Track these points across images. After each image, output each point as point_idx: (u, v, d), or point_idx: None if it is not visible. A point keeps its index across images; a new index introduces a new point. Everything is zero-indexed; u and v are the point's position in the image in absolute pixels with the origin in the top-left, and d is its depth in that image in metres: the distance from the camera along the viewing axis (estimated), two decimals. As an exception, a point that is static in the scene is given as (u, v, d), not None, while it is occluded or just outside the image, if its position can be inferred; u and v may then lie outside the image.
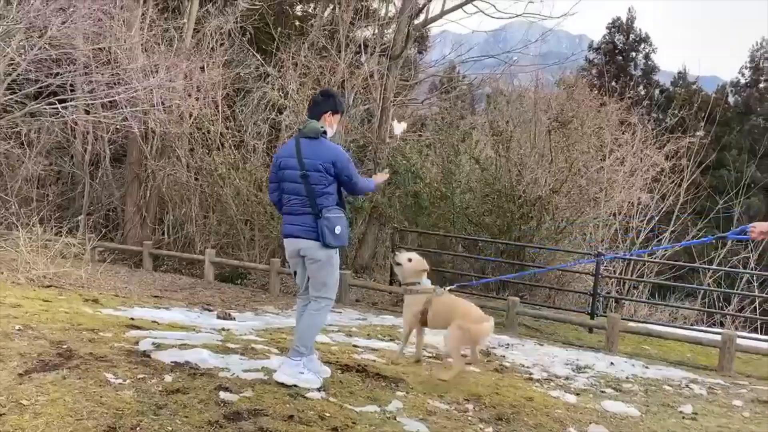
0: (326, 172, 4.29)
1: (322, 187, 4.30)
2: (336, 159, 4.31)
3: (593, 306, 9.81)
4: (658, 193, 14.34)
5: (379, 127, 13.54)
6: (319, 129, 4.34)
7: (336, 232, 4.31)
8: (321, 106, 4.51)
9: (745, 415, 5.19)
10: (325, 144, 4.35)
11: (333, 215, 4.33)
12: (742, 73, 29.31)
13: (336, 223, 4.33)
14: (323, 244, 4.32)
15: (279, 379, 4.21)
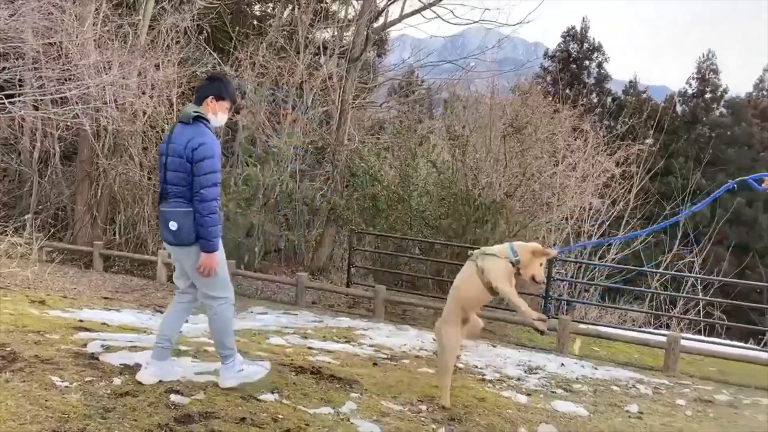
0: (186, 159, 3.92)
1: (177, 176, 3.96)
2: (201, 144, 3.90)
3: (545, 308, 10.01)
4: (609, 198, 14.74)
5: (338, 130, 13.54)
6: (191, 113, 4.01)
7: (171, 228, 3.96)
8: (204, 90, 4.19)
9: (688, 413, 5.38)
10: (195, 129, 3.98)
11: (170, 208, 3.99)
12: (690, 83, 30.34)
13: (171, 217, 3.97)
14: (167, 241, 4.07)
15: (227, 386, 4.15)
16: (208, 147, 3.93)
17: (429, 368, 5.89)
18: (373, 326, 8.30)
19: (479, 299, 4.50)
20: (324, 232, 13.74)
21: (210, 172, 3.92)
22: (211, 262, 4.00)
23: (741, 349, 8.93)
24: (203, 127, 4.04)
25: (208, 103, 4.13)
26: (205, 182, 3.91)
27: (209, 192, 3.92)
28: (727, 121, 28.32)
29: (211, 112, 4.14)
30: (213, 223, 3.95)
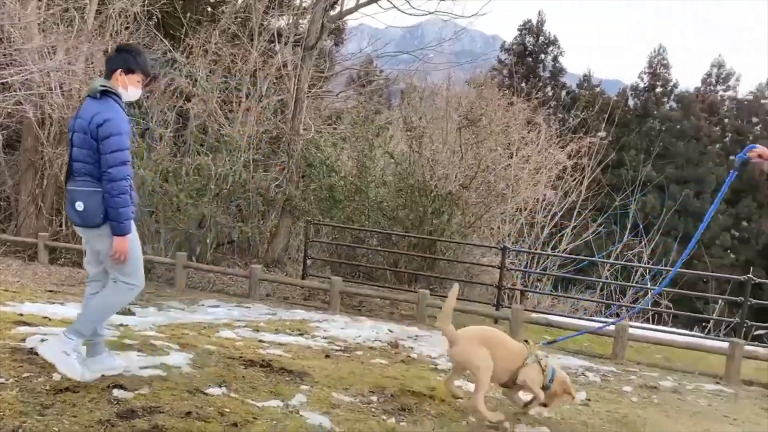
0: (90, 136, 3.71)
1: (83, 153, 3.75)
2: (106, 120, 3.68)
3: (498, 298, 10.12)
4: (561, 190, 15.00)
5: (293, 119, 13.37)
6: (98, 87, 3.79)
7: (77, 208, 3.74)
8: (112, 63, 3.93)
9: (634, 400, 5.51)
10: (101, 104, 3.76)
11: (76, 187, 3.77)
12: (641, 78, 31.07)
13: (77, 197, 3.75)
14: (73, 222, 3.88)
15: (39, 351, 3.86)
16: (113, 123, 3.70)
17: (382, 359, 5.89)
18: (329, 318, 8.25)
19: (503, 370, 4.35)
20: (279, 224, 13.58)
21: (116, 150, 3.70)
22: (124, 245, 3.80)
23: (686, 337, 9.22)
24: (112, 102, 3.81)
25: (117, 77, 3.89)
26: (112, 161, 3.69)
27: (117, 171, 3.70)
28: (677, 115, 29.13)
29: (121, 86, 3.90)
30: (123, 204, 3.74)
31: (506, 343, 4.38)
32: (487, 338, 4.34)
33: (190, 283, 10.83)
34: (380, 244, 12.73)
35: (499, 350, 4.29)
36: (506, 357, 4.29)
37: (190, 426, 3.39)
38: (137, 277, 3.98)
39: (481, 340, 4.30)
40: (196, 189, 12.16)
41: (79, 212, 3.75)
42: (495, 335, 4.43)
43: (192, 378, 4.23)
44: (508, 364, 4.28)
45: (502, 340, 4.40)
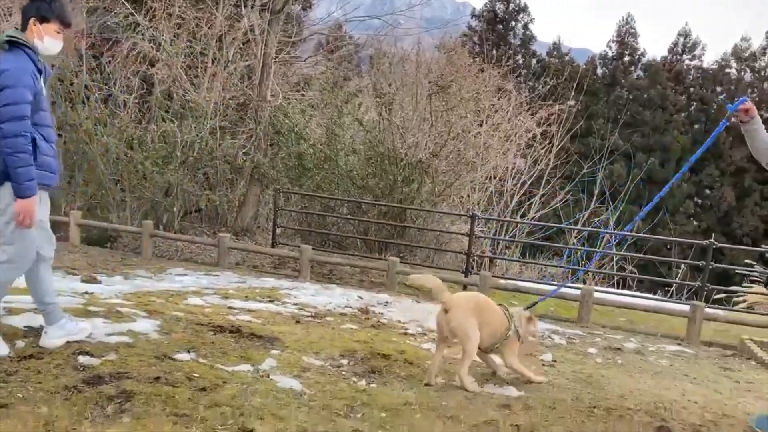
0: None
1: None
2: (2, 71, 3.45)
3: (468, 265, 10.22)
4: (531, 158, 15.11)
5: (260, 85, 13.13)
6: (4, 37, 3.55)
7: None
8: (25, 11, 3.68)
9: (598, 361, 5.64)
10: (7, 54, 3.52)
11: None
12: (610, 46, 31.22)
13: None
14: None
15: None
16: (9, 74, 3.44)
17: (352, 324, 5.92)
18: (299, 286, 8.25)
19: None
20: (248, 192, 13.43)
21: (9, 103, 3.42)
22: (27, 207, 3.54)
23: (649, 301, 9.47)
24: (19, 53, 3.55)
25: (31, 27, 3.63)
26: (6, 114, 3.42)
27: (11, 126, 3.43)
28: (644, 83, 29.45)
29: (36, 37, 3.64)
30: (22, 163, 3.47)
31: (493, 312, 4.36)
32: (478, 306, 4.31)
33: (157, 252, 10.70)
34: (350, 213, 12.70)
35: (485, 318, 4.28)
36: (491, 325, 4.30)
37: (159, 391, 3.37)
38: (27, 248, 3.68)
39: (473, 309, 4.25)
40: (162, 156, 11.94)
41: None
42: (485, 304, 4.39)
43: (159, 344, 4.20)
44: (493, 333, 4.32)
45: (490, 308, 4.38)
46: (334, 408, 3.58)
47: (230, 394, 3.49)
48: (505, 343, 4.34)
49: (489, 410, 3.81)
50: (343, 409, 3.58)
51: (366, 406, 3.67)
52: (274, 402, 3.51)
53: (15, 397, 3.08)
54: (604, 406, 4.09)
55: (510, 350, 4.38)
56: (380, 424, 3.41)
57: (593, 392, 4.42)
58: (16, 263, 3.67)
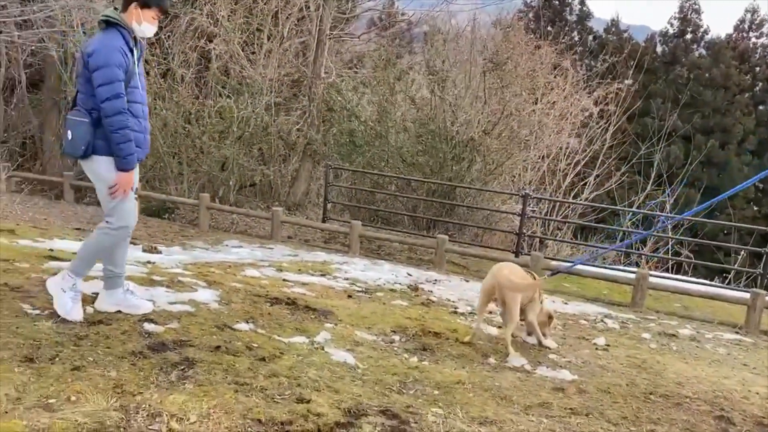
0: (84, 65, 3.63)
1: (79, 83, 3.74)
2: (93, 51, 3.57)
3: (518, 245, 10.13)
4: (586, 137, 14.76)
5: (314, 61, 13.19)
6: (101, 18, 3.70)
7: (68, 137, 3.68)
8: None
9: (652, 346, 5.55)
10: (100, 35, 3.68)
11: (70, 116, 3.70)
12: (671, 23, 29.97)
13: (69, 125, 3.68)
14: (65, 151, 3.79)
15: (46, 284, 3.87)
16: (99, 56, 3.56)
17: (402, 301, 5.97)
18: (348, 261, 8.34)
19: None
20: (300, 168, 13.59)
21: (105, 83, 3.57)
22: (126, 180, 3.75)
23: (705, 287, 9.20)
24: (113, 33, 3.67)
25: (132, 11, 3.75)
26: (103, 94, 3.57)
27: (110, 106, 3.58)
28: (706, 62, 28.22)
29: (135, 21, 3.76)
30: (123, 139, 3.64)
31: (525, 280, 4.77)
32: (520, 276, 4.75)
33: (213, 224, 10.97)
34: (399, 190, 12.71)
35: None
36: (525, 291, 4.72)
37: (220, 359, 3.49)
38: (122, 219, 3.86)
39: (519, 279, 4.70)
40: (219, 131, 12.18)
41: (68, 141, 3.69)
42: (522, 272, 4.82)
43: (219, 314, 4.34)
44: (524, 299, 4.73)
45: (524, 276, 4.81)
46: (386, 383, 3.64)
47: (287, 365, 3.59)
48: (530, 304, 4.79)
49: (542, 392, 3.81)
50: (395, 385, 3.64)
51: (418, 383, 3.72)
52: (329, 374, 3.59)
53: (86, 360, 3.23)
54: (660, 392, 4.04)
55: (533, 310, 4.83)
56: (433, 401, 3.46)
57: (649, 378, 4.36)
58: (118, 231, 3.87)
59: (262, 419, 2.90)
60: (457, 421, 3.23)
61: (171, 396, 2.99)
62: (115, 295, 4.03)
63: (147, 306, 4.11)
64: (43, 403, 2.75)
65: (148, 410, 2.83)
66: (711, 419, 3.70)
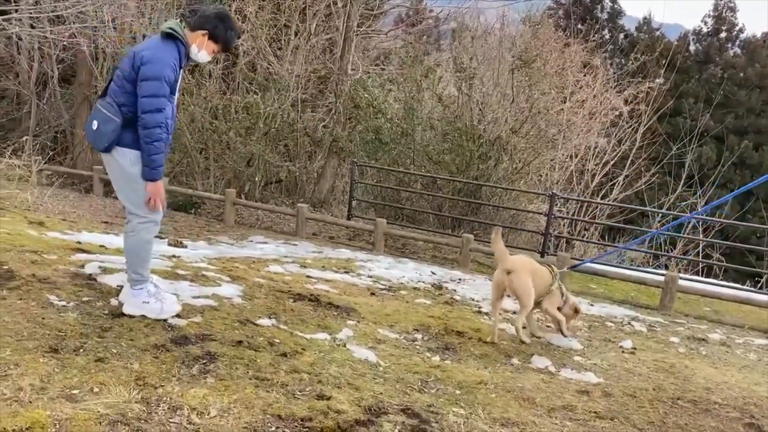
0: (132, 65, 3.63)
1: (119, 79, 3.68)
2: (148, 61, 3.59)
3: (544, 245, 10.01)
4: (615, 137, 14.53)
5: (341, 58, 13.19)
6: (165, 29, 3.71)
7: (92, 125, 3.66)
8: (202, 21, 3.82)
9: (681, 350, 5.43)
10: (159, 44, 3.69)
11: (102, 107, 3.68)
12: (705, 21, 29.38)
13: (98, 116, 3.67)
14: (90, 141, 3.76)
15: (126, 312, 3.80)
16: (155, 67, 3.59)
17: (426, 299, 5.93)
18: (373, 258, 8.33)
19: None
20: (325, 164, 13.61)
21: (151, 95, 3.59)
22: (157, 190, 3.77)
23: (736, 291, 8.98)
24: (171, 46, 3.70)
25: (199, 36, 3.81)
26: (147, 106, 3.59)
27: (152, 118, 3.61)
28: (741, 61, 27.61)
29: (196, 45, 3.83)
30: (156, 152, 3.67)
31: (541, 272, 4.96)
32: (533, 268, 4.95)
33: (238, 220, 11.04)
34: (424, 188, 12.66)
35: (537, 277, 4.91)
36: (540, 283, 4.88)
37: (242, 354, 3.49)
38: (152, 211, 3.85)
39: (530, 270, 4.89)
40: (245, 127, 12.25)
41: (93, 131, 3.68)
42: (535, 265, 5.03)
43: (242, 309, 4.35)
44: (540, 290, 4.88)
45: (538, 268, 5.01)
46: (408, 381, 3.61)
47: (309, 361, 3.58)
48: (547, 296, 4.93)
49: (566, 394, 3.75)
50: (417, 383, 3.61)
51: (440, 382, 3.68)
52: (350, 371, 3.57)
53: (110, 352, 3.26)
54: (688, 397, 3.94)
55: (550, 302, 4.95)
56: (455, 401, 3.42)
57: (677, 383, 4.26)
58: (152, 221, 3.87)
59: (282, 415, 2.89)
60: (479, 421, 3.19)
61: (192, 389, 3.00)
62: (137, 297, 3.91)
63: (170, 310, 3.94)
64: (66, 393, 2.77)
65: (170, 403, 2.85)
66: (740, 426, 3.59)
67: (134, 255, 3.87)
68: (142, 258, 3.89)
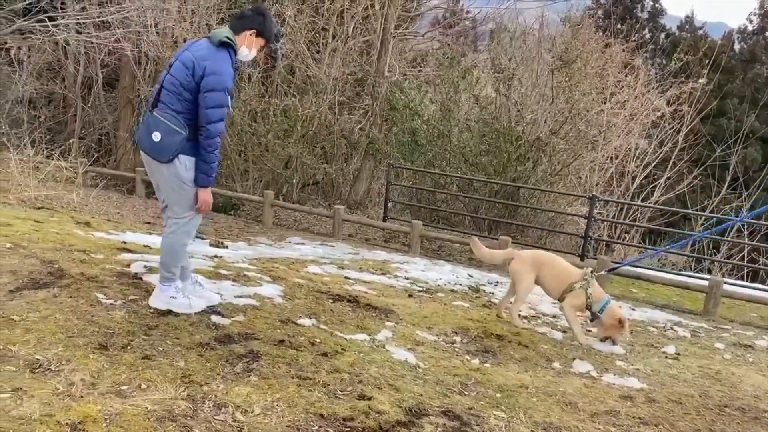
0: (192, 73, 3.66)
1: (176, 87, 3.70)
2: (212, 73, 3.65)
3: (584, 248, 9.87)
4: (656, 138, 14.23)
5: (378, 60, 13.22)
6: (222, 37, 3.74)
7: (153, 137, 3.69)
8: (246, 21, 3.91)
9: (726, 357, 5.29)
10: (216, 54, 3.72)
11: (161, 117, 3.70)
12: (750, 20, 28.59)
13: (158, 127, 3.69)
14: (140, 144, 3.81)
15: (153, 305, 3.93)
16: (220, 78, 3.67)
17: (463, 302, 5.91)
18: (409, 260, 8.33)
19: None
20: (362, 166, 13.66)
21: (217, 106, 3.68)
22: (208, 197, 3.87)
23: (785, 297, 8.70)
24: (226, 55, 3.77)
25: (246, 36, 3.89)
26: (212, 116, 3.68)
27: (215, 127, 3.71)
28: (788, 60, 26.78)
29: (245, 46, 3.90)
30: (213, 160, 3.77)
31: (555, 265, 5.19)
32: (537, 261, 5.22)
33: (276, 221, 11.17)
34: (461, 190, 12.60)
35: (547, 270, 5.15)
36: (554, 276, 5.11)
37: (284, 353, 3.54)
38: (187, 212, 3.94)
39: (531, 263, 5.20)
40: (284, 130, 12.39)
41: (154, 142, 3.71)
42: (546, 259, 5.28)
43: (283, 309, 4.40)
44: (558, 284, 5.07)
45: (552, 261, 5.24)
46: (448, 384, 3.61)
47: (349, 362, 3.60)
48: (570, 293, 4.97)
49: (609, 400, 3.69)
50: (457, 386, 3.60)
51: (480, 385, 3.66)
52: (390, 372, 3.58)
53: (156, 350, 3.34)
54: (736, 405, 3.84)
55: (570, 301, 4.98)
56: (495, 404, 3.40)
57: (723, 390, 4.16)
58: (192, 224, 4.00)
59: (324, 414, 2.92)
60: (521, 425, 3.17)
61: (236, 387, 3.05)
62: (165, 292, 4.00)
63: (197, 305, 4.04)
64: (116, 389, 2.85)
65: (215, 401, 2.90)
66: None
67: (170, 254, 3.97)
68: (177, 258, 3.99)
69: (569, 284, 4.98)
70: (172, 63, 3.81)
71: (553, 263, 5.21)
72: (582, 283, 4.95)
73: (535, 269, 5.17)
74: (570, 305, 4.97)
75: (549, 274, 5.13)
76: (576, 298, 4.94)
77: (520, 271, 5.19)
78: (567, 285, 4.99)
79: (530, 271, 5.17)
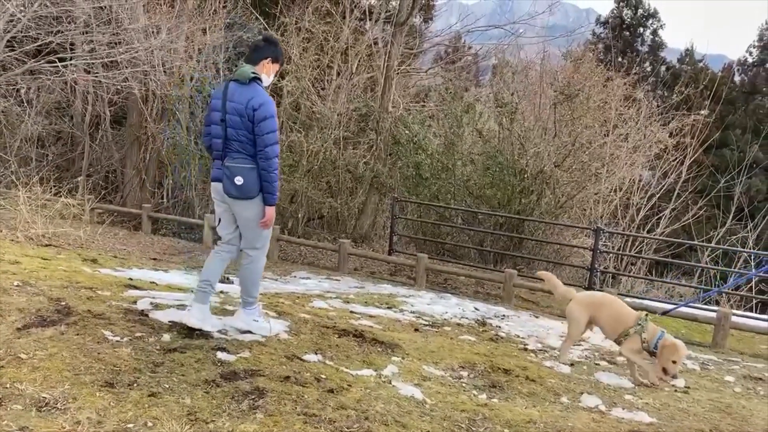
0: (247, 117, 4.14)
1: (239, 134, 4.18)
2: (262, 104, 4.14)
3: (590, 280, 9.84)
4: (660, 170, 14.28)
5: (382, 96, 13.41)
6: (250, 74, 4.20)
7: (236, 183, 4.18)
8: (262, 52, 4.37)
9: (737, 390, 5.23)
10: (252, 90, 4.19)
11: (235, 164, 4.19)
12: (750, 51, 28.93)
13: (237, 172, 4.18)
14: (229, 194, 4.25)
15: (236, 326, 4.45)
16: (268, 107, 4.14)
17: (470, 336, 5.88)
18: (415, 294, 8.31)
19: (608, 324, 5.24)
20: (367, 200, 13.74)
21: (271, 131, 4.14)
22: (273, 213, 4.37)
23: (795, 328, 8.61)
24: (259, 87, 4.21)
25: (265, 65, 4.35)
26: (269, 141, 4.14)
27: (272, 150, 4.15)
28: (789, 91, 26.99)
29: (265, 73, 4.35)
30: (276, 179, 4.23)
31: (613, 307, 5.18)
32: (595, 303, 5.26)
33: (282, 255, 11.18)
34: (466, 223, 12.62)
35: (604, 312, 5.16)
36: (611, 319, 5.10)
37: (289, 390, 3.52)
38: (267, 243, 4.54)
39: (588, 305, 5.25)
40: (289, 165, 12.50)
41: (239, 186, 4.17)
42: (605, 301, 5.29)
43: (289, 344, 4.39)
44: (614, 327, 5.06)
45: (610, 303, 5.23)
46: (455, 419, 3.57)
47: (355, 398, 3.58)
48: (627, 338, 4.96)
49: (618, 435, 3.65)
50: (464, 422, 3.56)
51: (488, 421, 3.62)
52: (396, 408, 3.56)
53: (162, 387, 3.33)
54: (747, 440, 3.79)
55: (627, 345, 4.96)
56: (503, 440, 3.36)
57: (734, 424, 4.10)
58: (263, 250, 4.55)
59: (331, 452, 2.90)
60: (529, 462, 3.13)
61: (242, 425, 3.04)
62: (203, 310, 4.33)
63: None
64: (122, 427, 2.84)
65: (221, 438, 2.88)
66: (806, 472, 3.43)
67: (251, 281, 4.53)
68: (256, 282, 4.56)
69: (625, 328, 4.98)
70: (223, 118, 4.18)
71: (611, 306, 5.22)
72: (636, 328, 4.94)
73: (590, 311, 5.22)
74: (627, 350, 4.98)
75: (606, 316, 5.16)
76: (632, 343, 4.95)
77: (574, 313, 5.27)
78: (623, 328, 4.99)
79: (584, 313, 5.22)
